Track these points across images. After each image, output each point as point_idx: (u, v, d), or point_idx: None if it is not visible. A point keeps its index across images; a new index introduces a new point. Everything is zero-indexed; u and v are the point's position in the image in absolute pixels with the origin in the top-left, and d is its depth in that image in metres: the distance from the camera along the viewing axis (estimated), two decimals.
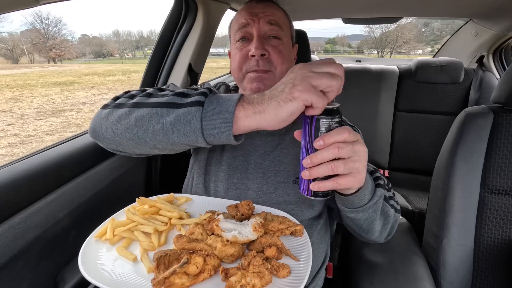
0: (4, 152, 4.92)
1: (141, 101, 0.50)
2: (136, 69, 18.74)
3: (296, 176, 0.66)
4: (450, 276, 0.76)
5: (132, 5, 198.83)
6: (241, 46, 0.68)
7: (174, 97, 0.49)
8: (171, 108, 0.47)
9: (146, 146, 0.51)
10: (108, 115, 0.51)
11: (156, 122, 0.47)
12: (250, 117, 0.44)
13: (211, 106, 0.45)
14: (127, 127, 0.49)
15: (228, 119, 0.44)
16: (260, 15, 0.67)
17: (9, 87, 11.62)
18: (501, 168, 0.74)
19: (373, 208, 0.53)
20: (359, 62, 2.69)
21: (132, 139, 0.50)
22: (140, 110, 0.49)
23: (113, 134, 0.50)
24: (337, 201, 0.55)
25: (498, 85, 0.76)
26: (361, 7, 1.42)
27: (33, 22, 37.35)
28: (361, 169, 0.44)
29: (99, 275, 0.43)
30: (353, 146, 0.43)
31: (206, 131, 0.45)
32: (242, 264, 0.44)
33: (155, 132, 0.47)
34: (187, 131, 0.46)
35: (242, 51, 0.67)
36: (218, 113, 0.45)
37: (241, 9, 0.71)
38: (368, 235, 0.61)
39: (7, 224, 0.54)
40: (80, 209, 0.67)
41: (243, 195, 0.67)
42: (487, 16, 1.52)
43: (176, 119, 0.46)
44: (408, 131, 1.74)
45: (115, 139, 0.51)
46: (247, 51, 0.66)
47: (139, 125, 0.48)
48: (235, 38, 0.70)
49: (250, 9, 0.68)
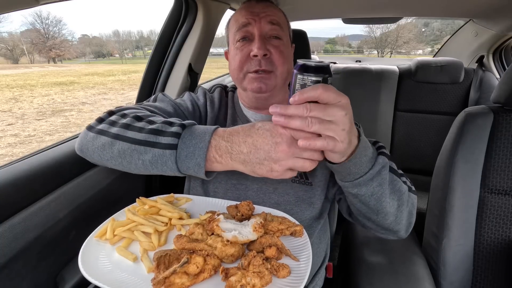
0: (4, 152, 4.92)
1: (121, 133, 0.52)
2: (136, 69, 18.75)
3: (295, 175, 0.66)
4: (450, 276, 0.76)
5: (132, 5, 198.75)
6: (242, 46, 0.66)
7: (150, 135, 0.50)
8: (148, 146, 0.49)
9: (128, 171, 0.54)
10: (93, 140, 0.54)
11: (137, 158, 0.50)
12: (225, 166, 0.48)
13: (184, 148, 0.48)
14: (111, 156, 0.52)
15: (201, 164, 0.47)
16: (261, 14, 0.66)
17: (9, 87, 11.63)
18: (501, 168, 0.74)
19: (377, 181, 0.49)
20: (359, 62, 2.69)
21: (118, 166, 0.54)
22: (121, 144, 0.51)
23: (100, 158, 0.54)
24: (336, 178, 0.53)
25: (498, 85, 0.76)
26: (361, 7, 1.42)
27: (33, 22, 37.39)
28: (337, 133, 0.41)
29: (99, 275, 0.43)
30: (326, 108, 0.39)
31: (182, 170, 0.49)
32: (242, 264, 0.44)
33: (137, 165, 0.51)
34: (164, 169, 0.50)
35: (243, 51, 0.66)
36: (191, 156, 0.48)
37: (240, 8, 0.70)
38: (380, 217, 0.54)
39: (7, 224, 0.54)
40: (80, 209, 0.67)
41: (243, 196, 0.67)
42: (487, 16, 1.52)
43: (154, 159, 0.49)
44: (408, 131, 1.74)
45: (102, 162, 0.55)
46: (249, 51, 0.65)
47: (123, 157, 0.51)
48: (234, 38, 0.68)
49: (250, 8, 0.67)
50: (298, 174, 0.66)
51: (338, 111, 0.40)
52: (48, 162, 0.66)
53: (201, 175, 0.49)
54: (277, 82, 0.66)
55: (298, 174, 0.66)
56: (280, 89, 0.69)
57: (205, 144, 0.48)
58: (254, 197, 0.66)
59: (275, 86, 0.66)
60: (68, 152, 0.71)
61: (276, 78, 0.66)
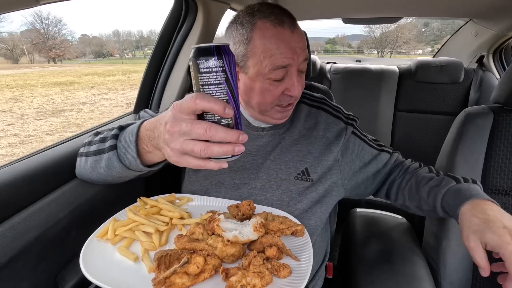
0: (4, 152, 4.92)
1: (86, 150, 0.60)
2: (136, 69, 18.73)
3: (297, 172, 0.68)
4: (450, 276, 0.76)
5: (132, 5, 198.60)
6: (278, 84, 0.60)
7: (99, 144, 0.57)
8: (99, 154, 0.56)
9: (114, 182, 0.62)
10: (79, 163, 0.63)
11: (100, 167, 0.57)
12: (154, 155, 0.51)
13: (122, 146, 0.54)
14: (89, 172, 0.60)
15: (134, 156, 0.51)
16: (298, 50, 0.59)
17: (9, 87, 11.62)
18: (501, 168, 0.74)
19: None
20: (359, 62, 2.69)
21: (99, 180, 0.61)
22: (88, 159, 0.59)
23: (88, 178, 0.62)
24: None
25: (498, 85, 0.76)
26: (361, 7, 1.42)
27: (33, 22, 37.32)
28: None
29: (100, 275, 0.44)
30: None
31: (128, 166, 0.54)
32: (242, 264, 0.44)
33: (105, 173, 0.57)
34: (117, 170, 0.55)
35: (278, 88, 0.60)
36: (127, 151, 0.52)
37: (273, 34, 0.57)
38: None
39: (7, 224, 0.54)
40: (80, 209, 0.67)
41: (245, 194, 0.67)
42: (487, 16, 1.52)
43: (106, 163, 0.55)
44: (408, 131, 1.74)
45: (92, 181, 0.63)
46: (283, 89, 0.61)
47: (94, 170, 0.59)
48: (268, 73, 0.59)
49: (288, 42, 0.57)
50: (300, 171, 0.67)
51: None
52: (48, 162, 0.66)
53: (141, 167, 0.53)
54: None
55: (300, 171, 0.67)
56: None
57: (133, 137, 0.51)
58: (257, 195, 0.67)
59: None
60: (68, 152, 0.71)
61: (294, 106, 0.68)
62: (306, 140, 0.70)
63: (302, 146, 0.69)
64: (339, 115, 0.74)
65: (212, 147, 0.39)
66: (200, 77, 0.38)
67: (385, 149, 0.76)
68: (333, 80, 1.89)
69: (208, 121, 0.39)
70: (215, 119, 0.39)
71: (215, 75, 0.38)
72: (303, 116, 0.73)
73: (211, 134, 0.38)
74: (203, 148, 0.38)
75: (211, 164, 0.41)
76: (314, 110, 0.75)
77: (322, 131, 0.71)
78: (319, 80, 1.88)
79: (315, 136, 0.70)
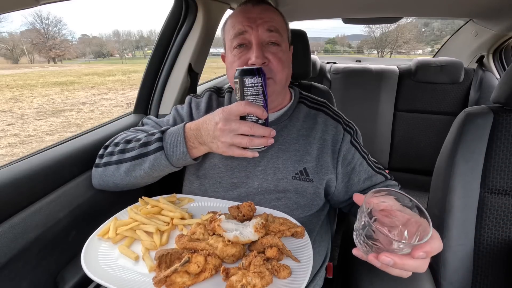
0: (4, 152, 4.91)
1: (121, 157, 0.65)
2: (136, 69, 18.73)
3: (295, 171, 0.67)
4: (450, 276, 0.76)
5: (132, 5, 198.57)
6: (240, 54, 0.65)
7: (141, 148, 0.63)
8: (143, 157, 0.62)
9: (139, 184, 0.68)
10: (103, 172, 0.67)
11: (139, 170, 0.63)
12: (199, 150, 0.61)
13: (169, 147, 0.61)
14: (121, 178, 0.65)
15: (185, 152, 0.60)
16: (258, 21, 0.64)
17: (9, 87, 11.62)
18: (501, 168, 0.74)
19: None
20: (359, 62, 2.69)
21: (129, 185, 0.67)
22: (124, 165, 0.64)
23: (114, 184, 0.66)
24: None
25: (498, 85, 0.76)
26: (361, 7, 1.42)
27: (33, 22, 37.30)
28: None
29: (101, 273, 0.44)
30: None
31: (174, 163, 0.62)
32: (243, 264, 0.44)
33: (142, 176, 0.64)
34: (162, 168, 0.62)
35: (240, 58, 0.65)
36: (176, 150, 0.60)
37: (235, 12, 0.68)
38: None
39: (7, 224, 0.54)
40: (80, 209, 0.67)
41: (243, 194, 0.67)
42: (487, 16, 1.52)
43: (151, 164, 0.61)
44: (408, 131, 1.74)
45: (118, 187, 0.67)
46: (247, 59, 0.64)
47: (129, 174, 0.64)
48: (231, 44, 0.66)
49: (246, 13, 0.65)
50: (298, 170, 0.67)
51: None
52: (48, 162, 0.66)
53: (190, 161, 0.62)
54: (276, 88, 0.67)
55: (298, 171, 0.67)
56: (279, 94, 0.70)
57: (181, 137, 0.60)
58: (255, 194, 0.66)
59: (274, 92, 0.67)
60: (68, 152, 0.71)
61: (275, 84, 0.66)
62: (304, 140, 0.69)
63: (300, 146, 0.69)
64: (338, 119, 0.73)
65: (254, 140, 0.54)
66: (245, 90, 0.54)
67: (382, 173, 0.75)
68: (333, 80, 1.89)
69: (250, 121, 0.54)
70: (254, 119, 0.55)
71: (256, 89, 0.54)
72: (302, 116, 0.73)
73: (254, 131, 0.53)
74: (248, 140, 0.54)
75: (249, 153, 0.56)
76: (314, 111, 0.75)
77: (320, 132, 0.71)
78: (319, 80, 1.88)
79: (314, 137, 0.70)
